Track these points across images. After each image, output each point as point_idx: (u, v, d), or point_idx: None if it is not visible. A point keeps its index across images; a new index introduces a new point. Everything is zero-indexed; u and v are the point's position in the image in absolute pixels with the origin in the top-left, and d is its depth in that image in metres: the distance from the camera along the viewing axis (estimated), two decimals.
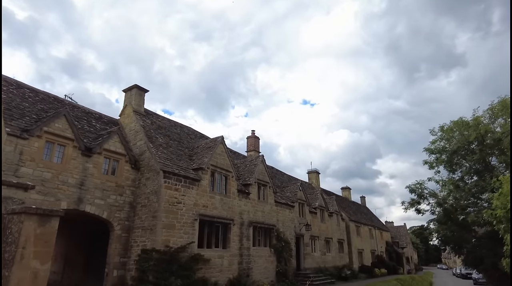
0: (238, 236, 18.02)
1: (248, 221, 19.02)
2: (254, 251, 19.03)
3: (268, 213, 21.20)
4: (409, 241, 72.01)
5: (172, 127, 20.36)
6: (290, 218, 23.78)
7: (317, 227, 27.94)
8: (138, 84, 18.54)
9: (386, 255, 46.55)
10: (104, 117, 17.88)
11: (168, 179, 14.75)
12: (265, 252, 20.07)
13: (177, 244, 14.29)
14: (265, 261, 19.83)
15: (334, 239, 30.57)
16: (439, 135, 19.75)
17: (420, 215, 20.31)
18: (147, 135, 16.44)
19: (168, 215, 14.30)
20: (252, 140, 27.52)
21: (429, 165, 21.22)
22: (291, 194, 25.81)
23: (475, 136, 16.89)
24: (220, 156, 17.99)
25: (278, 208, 22.57)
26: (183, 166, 16.25)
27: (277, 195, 23.46)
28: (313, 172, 39.52)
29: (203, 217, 15.91)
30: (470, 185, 17.92)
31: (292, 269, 22.52)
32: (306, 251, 25.21)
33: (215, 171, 17.46)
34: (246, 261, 18.20)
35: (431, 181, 21.01)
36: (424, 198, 19.95)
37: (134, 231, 14.68)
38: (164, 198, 14.32)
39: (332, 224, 31.05)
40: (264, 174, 21.67)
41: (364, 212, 48.09)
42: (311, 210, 27.65)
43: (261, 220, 20.17)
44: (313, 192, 30.96)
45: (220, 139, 18.36)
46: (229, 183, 18.28)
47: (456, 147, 18.69)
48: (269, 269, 19.99)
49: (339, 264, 30.17)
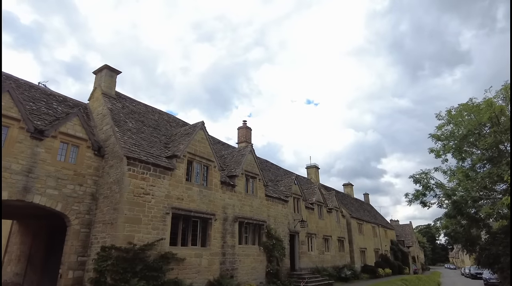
0: (221, 232, 16.06)
1: (233, 216, 17.05)
2: (240, 249, 17.06)
3: (258, 208, 19.22)
4: (415, 239, 69.61)
5: (148, 113, 18.46)
6: (283, 213, 21.78)
7: (315, 223, 25.90)
8: (109, 65, 16.67)
9: (390, 254, 44.36)
10: (69, 100, 16.02)
11: (134, 167, 12.83)
12: (254, 250, 18.10)
13: (144, 241, 12.38)
14: (253, 261, 17.85)
15: (333, 237, 28.50)
16: (446, 119, 17.65)
17: (426, 208, 18.22)
18: (113, 119, 14.54)
19: (132, 208, 12.38)
20: (243, 131, 25.56)
21: (435, 153, 19.08)
22: (285, 188, 23.81)
23: (488, 116, 14.80)
24: (200, 143, 16.04)
25: (270, 203, 20.58)
26: (154, 153, 14.33)
27: (268, 189, 21.47)
28: (312, 166, 37.49)
29: (177, 211, 13.98)
30: (483, 173, 15.76)
31: (286, 270, 20.51)
32: (301, 250, 23.19)
33: (193, 159, 15.52)
34: (230, 261, 16.23)
35: (438, 171, 18.90)
36: (430, 189, 17.84)
37: (95, 226, 12.79)
38: (127, 187, 12.40)
39: (332, 221, 28.98)
40: (253, 165, 19.70)
41: (368, 210, 45.92)
42: (308, 206, 25.62)
43: (248, 215, 18.20)
44: (311, 187, 28.92)
45: (200, 124, 16.42)
46: (210, 173, 16.33)
47: (466, 130, 16.57)
48: (258, 270, 18.01)
49: (339, 264, 28.11)
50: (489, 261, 15.99)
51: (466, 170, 17.04)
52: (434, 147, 19.38)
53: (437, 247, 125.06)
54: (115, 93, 16.96)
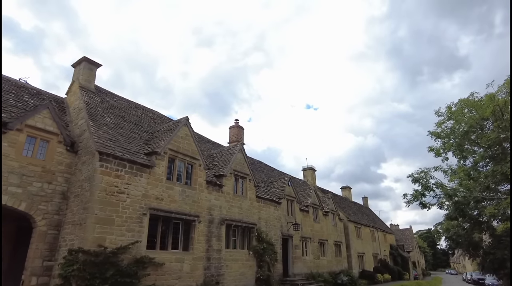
0: (205, 235, 14.99)
1: (219, 218, 15.98)
2: (227, 254, 15.97)
3: (247, 210, 18.15)
4: (415, 244, 68.30)
5: (130, 109, 17.45)
6: (275, 216, 20.70)
7: (309, 227, 24.79)
8: (88, 57, 15.69)
9: (390, 259, 43.16)
10: (44, 94, 15.03)
11: (107, 163, 11.79)
12: (242, 255, 17.00)
13: (117, 244, 11.32)
14: (242, 266, 16.74)
15: (330, 241, 27.36)
16: (446, 115, 16.62)
17: (425, 209, 17.12)
18: (89, 113, 13.52)
19: (104, 207, 11.33)
20: (235, 130, 24.53)
21: (435, 152, 18.03)
22: (278, 189, 22.74)
23: (491, 110, 13.78)
24: (184, 139, 15.02)
25: (261, 204, 19.51)
26: (132, 149, 13.29)
27: (260, 190, 20.42)
28: (309, 168, 36.38)
29: (156, 212, 12.91)
30: (487, 172, 14.69)
31: (278, 275, 19.39)
32: (295, 255, 22.07)
33: (176, 157, 14.49)
34: (215, 266, 15.14)
35: (438, 170, 17.83)
36: (430, 190, 16.78)
37: (65, 227, 11.72)
38: (99, 185, 11.35)
39: (328, 224, 27.85)
40: (243, 165, 18.65)
41: (366, 213, 44.76)
42: (303, 208, 24.53)
43: (237, 218, 17.12)
44: (306, 189, 27.86)
45: (184, 120, 15.41)
46: (195, 172, 15.28)
47: (467, 126, 15.55)
48: (247, 276, 16.90)
49: (335, 269, 26.94)
50: (494, 266, 14.89)
51: (468, 169, 15.99)
52: (433, 145, 18.33)
53: (438, 252, 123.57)
54: (94, 87, 15.97)
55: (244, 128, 25.07)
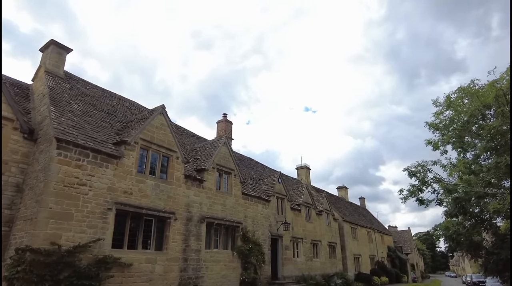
0: (183, 234, 13.70)
1: (199, 215, 14.70)
2: (207, 254, 14.68)
3: (232, 207, 16.86)
4: (414, 246, 66.93)
5: (105, 97, 16.19)
6: (263, 214, 19.41)
7: (301, 227, 23.50)
8: (56, 40, 14.43)
9: (388, 261, 41.84)
10: (6, 79, 13.72)
11: (66, 151, 10.52)
12: (225, 256, 15.71)
13: (75, 242, 10.02)
14: (224, 268, 15.44)
15: (323, 242, 26.05)
16: (445, 104, 15.38)
17: (423, 206, 15.87)
18: (52, 98, 12.25)
19: (60, 200, 10.05)
20: (223, 125, 23.29)
21: (433, 145, 16.75)
22: (267, 186, 21.46)
23: (494, 95, 12.55)
24: (159, 129, 13.75)
25: (247, 202, 18.23)
26: (99, 138, 12.02)
27: (247, 187, 19.15)
28: (303, 167, 35.19)
29: (124, 207, 11.63)
30: (490, 164, 13.40)
31: (265, 278, 18.10)
32: (285, 256, 20.76)
33: (149, 148, 13.21)
34: (193, 268, 13.84)
35: (436, 165, 16.54)
36: (427, 185, 15.51)
37: (17, 223, 10.43)
38: (55, 175, 10.08)
39: (321, 224, 26.55)
40: (228, 159, 17.38)
41: (363, 214, 43.45)
42: (294, 207, 23.25)
43: (219, 216, 15.84)
44: (298, 187, 26.56)
45: (160, 109, 14.15)
46: (171, 165, 14.01)
47: (467, 115, 14.30)
48: (230, 278, 15.60)
49: (329, 272, 25.64)
50: (498, 268, 13.61)
51: (469, 162, 14.74)
52: (431, 138, 17.07)
53: (437, 254, 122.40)
54: (63, 73, 14.71)
55: (232, 123, 23.85)
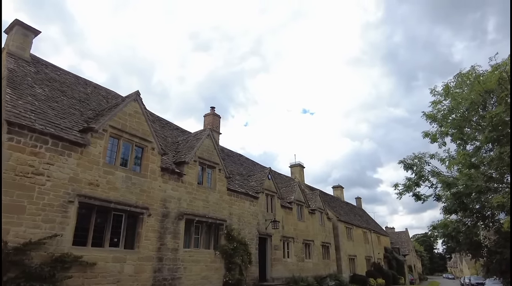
0: (157, 231, 12.54)
1: (177, 212, 13.55)
2: (185, 254, 13.53)
3: (215, 204, 15.72)
4: (411, 247, 65.97)
5: (78, 85, 15.05)
6: (251, 212, 18.28)
7: (293, 225, 22.35)
8: (22, 21, 13.27)
9: (384, 262, 40.71)
10: None
11: (19, 136, 9.37)
12: (206, 255, 14.56)
13: (26, 238, 8.86)
14: (205, 268, 14.29)
15: (316, 242, 24.91)
16: (443, 93, 14.29)
17: (420, 202, 14.83)
18: (10, 80, 11.09)
19: (10, 191, 8.88)
20: (210, 118, 22.13)
21: (430, 137, 15.69)
22: (256, 183, 20.32)
23: (498, 77, 11.49)
24: (132, 117, 12.60)
25: (233, 198, 17.10)
26: (63, 125, 10.87)
27: (233, 182, 18.03)
28: (296, 165, 34.10)
29: (88, 200, 10.48)
30: (493, 155, 12.27)
31: (252, 280, 16.94)
32: (274, 256, 19.60)
33: (121, 137, 12.07)
34: (169, 268, 12.68)
35: (434, 158, 15.46)
36: (425, 179, 14.42)
37: None
38: (4, 163, 8.91)
39: (314, 224, 25.41)
40: (212, 152, 16.25)
41: (359, 214, 42.35)
42: (285, 205, 22.10)
43: (201, 212, 14.69)
44: (290, 184, 25.44)
45: (134, 95, 13.01)
46: (146, 156, 12.86)
47: (468, 103, 13.23)
48: (212, 280, 14.45)
49: (323, 273, 24.49)
50: (501, 268, 12.51)
51: (470, 153, 13.65)
52: (429, 130, 15.99)
53: (435, 256, 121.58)
54: (30, 57, 13.56)
55: (220, 117, 22.68)
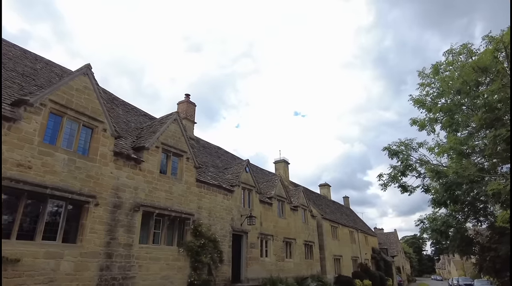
0: (107, 224, 10.91)
1: (133, 202, 11.94)
2: (141, 250, 11.91)
3: (181, 196, 14.14)
4: (400, 249, 65.05)
5: (25, 59, 13.34)
6: (224, 206, 16.73)
7: (272, 222, 20.83)
8: None
9: (372, 263, 39.42)
10: None
11: None
12: (168, 253, 12.96)
13: None
14: (166, 267, 12.68)
15: (298, 241, 23.43)
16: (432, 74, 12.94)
17: (407, 194, 13.38)
18: None
19: None
20: (184, 106, 20.55)
21: (418, 125, 14.36)
22: (232, 175, 18.77)
23: (494, 48, 10.16)
24: (81, 93, 10.99)
25: (203, 191, 15.53)
26: None
27: (205, 174, 16.50)
28: (281, 161, 32.64)
29: (16, 184, 8.82)
30: (488, 138, 10.88)
31: (223, 280, 15.38)
32: (251, 255, 18.05)
33: (64, 114, 10.45)
34: (120, 266, 11.05)
35: (423, 147, 14.10)
36: (412, 169, 13.04)
37: None
38: None
39: (297, 221, 23.94)
40: (179, 139, 14.67)
41: (346, 213, 41.04)
42: (264, 200, 20.59)
43: (163, 205, 13.10)
44: (271, 179, 23.93)
45: (84, 69, 11.39)
46: (95, 138, 11.25)
47: (459, 83, 11.87)
48: (174, 280, 12.85)
49: (305, 274, 23.02)
50: (495, 267, 11.16)
51: (461, 139, 12.28)
52: (417, 118, 14.64)
53: (424, 258, 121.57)
54: None
55: (196, 105, 21.14)
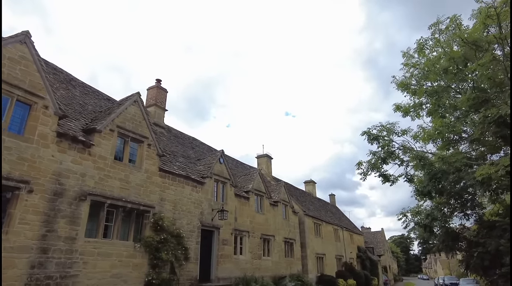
0: (44, 214, 9.47)
1: (78, 190, 10.49)
2: (88, 245, 10.48)
3: (140, 186, 12.73)
4: (387, 248, 64.34)
5: None
6: (193, 199, 15.37)
7: (249, 218, 19.51)
8: None
9: (357, 262, 38.40)
10: None
11: None
12: (122, 248, 11.54)
13: None
14: (119, 264, 11.27)
15: (278, 238, 22.15)
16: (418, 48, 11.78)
17: (388, 184, 12.12)
18: None
19: None
20: (154, 92, 19.08)
21: (402, 111, 13.20)
22: (204, 167, 17.39)
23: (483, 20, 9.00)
24: (16, 64, 9.53)
25: (167, 181, 14.14)
26: None
27: (172, 163, 15.13)
28: (263, 156, 31.39)
29: None
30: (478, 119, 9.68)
31: (188, 279, 14.02)
32: (222, 252, 16.70)
33: None
34: (59, 262, 9.61)
35: (407, 134, 12.92)
36: (394, 156, 11.83)
37: None
38: None
39: (276, 217, 22.66)
40: (139, 123, 13.25)
41: (332, 211, 39.94)
42: (241, 194, 19.26)
43: (117, 195, 11.66)
44: (249, 172, 22.62)
45: (21, 36, 9.90)
46: (34, 116, 9.80)
47: (446, 60, 10.70)
48: (128, 278, 11.44)
49: (284, 273, 21.74)
50: (483, 264, 10.01)
51: (448, 122, 11.10)
52: (401, 103, 13.46)
53: (411, 257, 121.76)
54: None
55: (167, 91, 19.65)
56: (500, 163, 8.26)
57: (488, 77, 9.42)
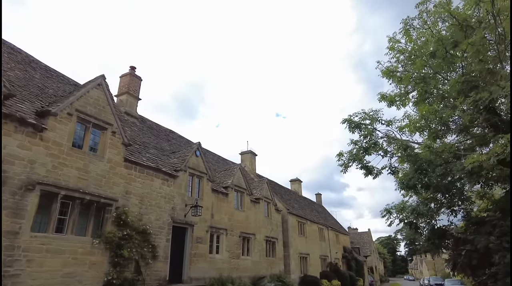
0: None
1: (26, 179, 9.34)
2: (34, 240, 9.33)
3: (101, 176, 11.59)
4: (374, 248, 63.93)
5: None
6: (164, 194, 14.28)
7: (227, 215, 18.47)
8: None
9: (342, 263, 37.69)
10: None
11: None
12: (77, 245, 10.41)
13: None
14: (73, 263, 10.14)
15: (259, 236, 21.16)
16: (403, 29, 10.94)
17: (371, 178, 11.20)
18: None
19: None
20: (127, 79, 17.90)
21: (387, 100, 12.34)
22: (178, 159, 16.30)
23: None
24: None
25: (133, 173, 13.03)
26: None
27: (141, 154, 14.03)
28: (247, 152, 30.40)
29: None
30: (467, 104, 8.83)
31: (157, 280, 12.93)
32: (196, 251, 15.62)
33: None
34: None
35: (392, 125, 12.07)
36: (378, 147, 10.95)
37: None
38: None
39: (258, 215, 21.66)
40: (103, 109, 12.12)
41: (317, 210, 39.14)
42: (219, 190, 18.20)
43: (73, 185, 10.52)
44: (229, 168, 21.59)
45: None
46: None
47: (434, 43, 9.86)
48: (83, 278, 10.31)
49: (265, 273, 20.75)
50: (471, 263, 9.19)
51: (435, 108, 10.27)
52: (385, 92, 12.60)
53: (398, 258, 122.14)
54: None
55: (142, 80, 18.49)
56: (491, 150, 7.44)
57: (480, 60, 8.61)
